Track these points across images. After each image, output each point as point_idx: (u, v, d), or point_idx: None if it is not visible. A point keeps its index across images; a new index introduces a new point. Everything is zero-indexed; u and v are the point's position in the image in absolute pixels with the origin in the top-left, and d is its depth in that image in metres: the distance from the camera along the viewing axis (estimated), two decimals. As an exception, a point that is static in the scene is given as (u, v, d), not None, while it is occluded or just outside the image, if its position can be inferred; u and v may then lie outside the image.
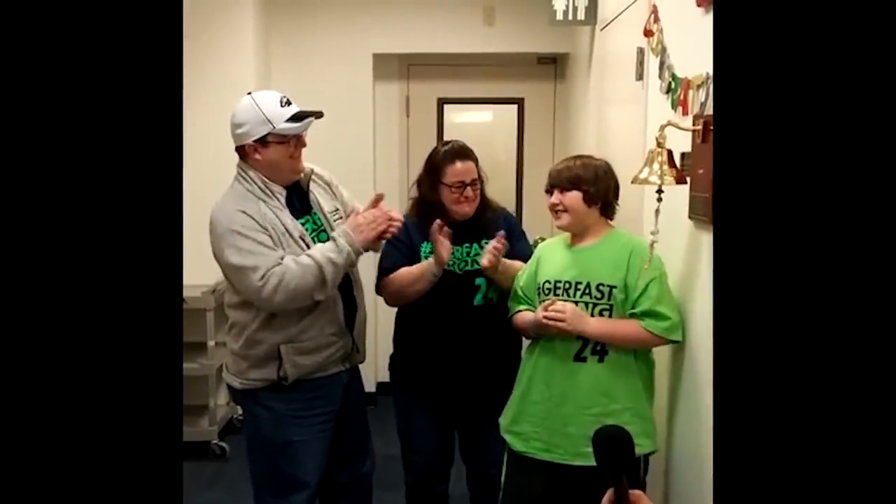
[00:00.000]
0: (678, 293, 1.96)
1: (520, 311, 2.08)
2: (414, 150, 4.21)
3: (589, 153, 2.23)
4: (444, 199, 2.20)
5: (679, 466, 2.02)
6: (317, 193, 2.13)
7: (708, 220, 1.75)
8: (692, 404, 1.91)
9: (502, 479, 2.12)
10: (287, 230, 1.99)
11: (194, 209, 2.04)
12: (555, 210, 2.00)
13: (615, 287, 1.90)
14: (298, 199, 2.09)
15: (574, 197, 1.96)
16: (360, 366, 2.31)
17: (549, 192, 2.02)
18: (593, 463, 1.84)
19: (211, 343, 3.38)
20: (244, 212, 1.95)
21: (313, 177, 2.15)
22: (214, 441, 3.46)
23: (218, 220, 1.97)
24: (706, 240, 1.79)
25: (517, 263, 2.19)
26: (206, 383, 3.42)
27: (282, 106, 1.99)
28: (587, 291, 1.92)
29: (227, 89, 3.57)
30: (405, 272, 2.19)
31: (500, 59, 4.18)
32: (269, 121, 1.96)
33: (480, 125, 4.49)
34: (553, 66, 4.26)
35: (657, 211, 1.73)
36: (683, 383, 1.98)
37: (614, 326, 1.90)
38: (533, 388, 1.99)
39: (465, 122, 4.37)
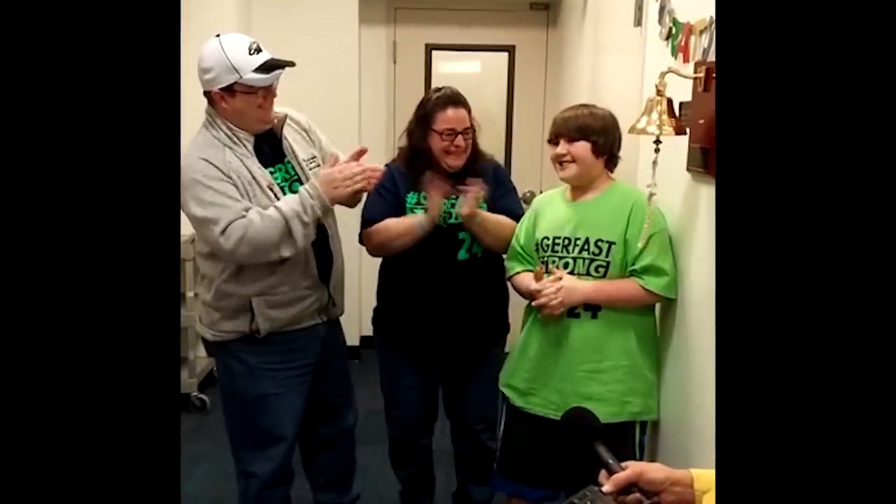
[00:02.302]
0: (675, 249, 1.91)
1: (518, 272, 2.03)
2: (401, 98, 4.09)
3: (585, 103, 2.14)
4: (434, 148, 2.11)
5: (669, 430, 1.97)
6: (291, 140, 2.03)
7: (706, 173, 1.68)
8: (684, 364, 1.87)
9: (500, 432, 2.11)
10: (254, 178, 1.90)
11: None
12: (560, 161, 1.91)
13: (614, 243, 1.85)
14: (271, 147, 1.99)
15: (582, 147, 1.88)
16: (344, 319, 2.25)
17: (554, 141, 1.92)
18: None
19: (190, 294, 3.31)
20: (206, 160, 1.86)
21: (288, 122, 2.04)
22: (194, 393, 3.42)
23: (181, 170, 1.87)
24: (704, 193, 1.72)
25: (501, 219, 2.12)
26: (186, 335, 3.37)
27: (250, 53, 1.86)
28: (585, 247, 1.87)
29: (205, 34, 3.39)
30: (391, 224, 2.11)
31: (490, 3, 4.04)
32: (235, 69, 1.84)
33: (470, 75, 4.36)
34: (545, 12, 4.12)
35: (654, 162, 1.67)
36: (675, 342, 1.93)
37: (608, 289, 1.86)
38: (530, 343, 1.98)
39: (453, 73, 4.23)
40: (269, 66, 1.88)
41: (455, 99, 2.12)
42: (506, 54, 4.16)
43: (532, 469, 2.01)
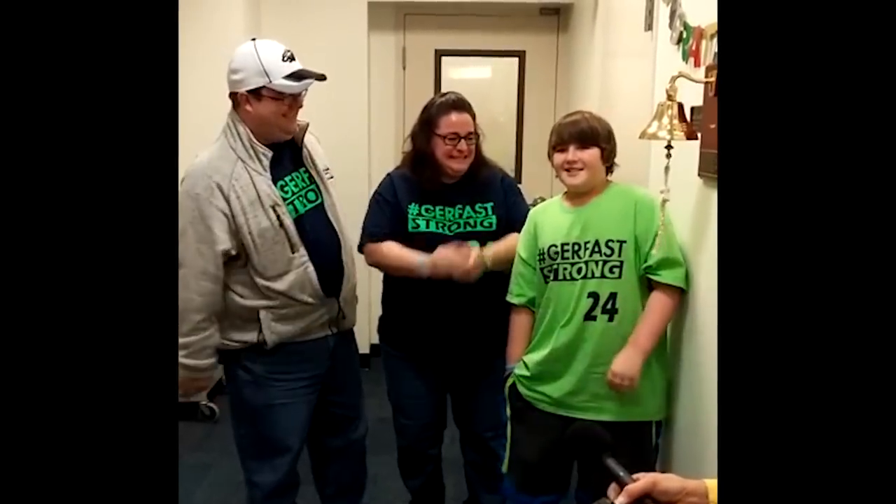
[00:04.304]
0: (686, 254, 1.89)
1: (521, 305, 2.03)
2: (410, 104, 4.08)
3: (593, 109, 2.14)
4: (437, 153, 2.09)
5: (681, 434, 1.96)
6: (311, 149, 2.03)
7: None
8: (697, 368, 1.85)
9: (507, 433, 2.08)
10: (259, 196, 1.88)
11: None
12: (568, 168, 1.89)
13: (625, 242, 1.84)
14: (292, 154, 2.00)
15: (593, 154, 1.88)
16: (355, 328, 2.24)
17: (561, 148, 1.91)
18: (598, 417, 1.86)
19: (200, 302, 3.30)
20: (218, 185, 1.85)
21: (309, 130, 2.05)
22: (204, 402, 3.40)
23: (186, 176, 1.88)
24: (716, 198, 1.70)
25: (510, 243, 2.10)
26: (196, 343, 3.35)
27: (283, 60, 1.88)
28: (596, 249, 1.86)
29: (214, 38, 3.42)
30: (391, 252, 2.10)
31: (500, 9, 4.02)
32: (266, 73, 1.85)
33: (480, 81, 4.35)
34: (556, 16, 4.11)
35: (667, 168, 1.64)
36: (687, 345, 1.92)
37: (646, 330, 1.85)
38: (543, 343, 1.96)
39: (463, 78, 4.22)
40: (300, 76, 1.88)
41: (459, 103, 2.11)
42: (516, 59, 4.14)
43: (542, 477, 2.01)
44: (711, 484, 1.01)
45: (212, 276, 1.88)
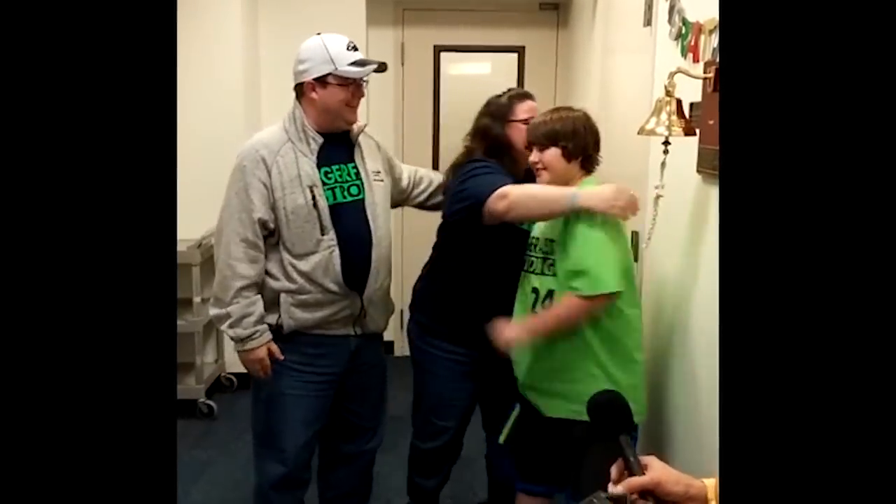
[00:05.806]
0: (683, 251, 1.88)
1: None
2: (409, 101, 4.08)
3: (592, 105, 2.12)
4: (516, 139, 2.08)
5: (676, 435, 1.95)
6: (364, 148, 2.09)
7: (716, 174, 1.64)
8: (691, 368, 1.84)
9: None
10: (299, 175, 1.96)
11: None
12: (535, 168, 1.92)
13: (554, 241, 1.86)
14: (347, 149, 2.06)
15: (552, 154, 1.88)
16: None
17: (528, 148, 1.94)
18: (548, 413, 1.87)
19: (197, 299, 3.28)
20: (263, 158, 1.95)
21: (366, 131, 2.12)
22: (202, 399, 3.38)
23: (239, 153, 2.00)
24: (714, 194, 1.69)
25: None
26: (193, 340, 3.33)
27: (348, 49, 1.98)
28: (541, 246, 1.91)
29: (210, 33, 3.42)
30: (538, 190, 1.89)
31: (499, 4, 4.00)
32: (332, 60, 1.94)
33: (479, 77, 4.32)
34: (555, 12, 4.09)
35: (663, 164, 1.63)
36: (681, 346, 1.91)
37: (537, 321, 1.86)
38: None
39: (462, 74, 4.20)
40: (363, 63, 1.98)
41: (528, 93, 2.22)
42: (515, 55, 4.12)
43: (535, 465, 2.03)
44: (710, 483, 1.01)
45: (251, 244, 1.97)
